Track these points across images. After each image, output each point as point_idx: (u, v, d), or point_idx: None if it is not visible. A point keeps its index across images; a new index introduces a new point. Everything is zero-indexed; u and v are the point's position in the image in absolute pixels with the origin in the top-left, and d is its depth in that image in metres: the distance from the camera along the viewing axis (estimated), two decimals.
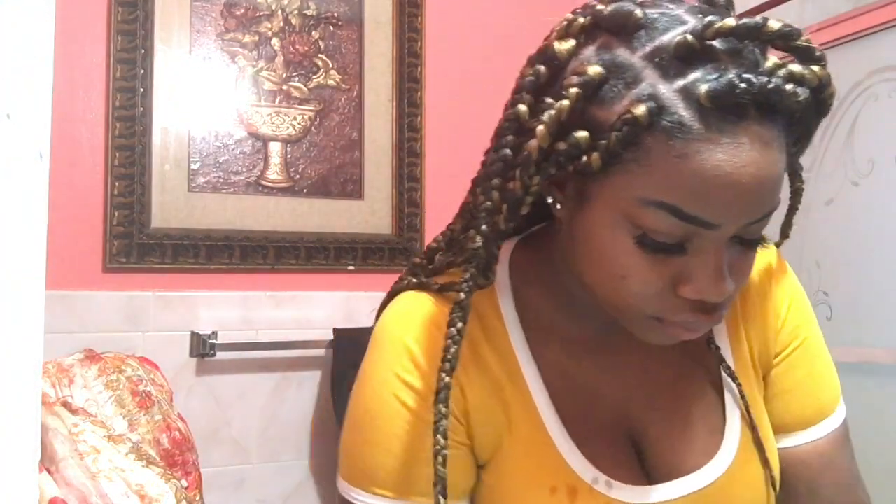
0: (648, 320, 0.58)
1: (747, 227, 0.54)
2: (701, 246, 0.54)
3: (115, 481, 0.68)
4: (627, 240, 0.54)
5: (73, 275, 1.35)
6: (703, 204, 0.51)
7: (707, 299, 0.54)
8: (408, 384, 0.62)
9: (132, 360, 1.07)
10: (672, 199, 0.51)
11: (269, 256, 1.48)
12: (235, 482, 1.45)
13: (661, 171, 0.51)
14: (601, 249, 0.56)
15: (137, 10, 1.40)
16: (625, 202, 0.53)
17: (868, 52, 1.63)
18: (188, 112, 1.43)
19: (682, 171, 0.51)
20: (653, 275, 0.55)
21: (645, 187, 0.52)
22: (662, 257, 0.54)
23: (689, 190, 0.51)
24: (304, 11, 1.54)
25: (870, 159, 1.62)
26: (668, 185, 0.51)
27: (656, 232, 0.53)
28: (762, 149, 0.51)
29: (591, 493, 0.60)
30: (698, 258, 0.54)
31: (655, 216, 0.52)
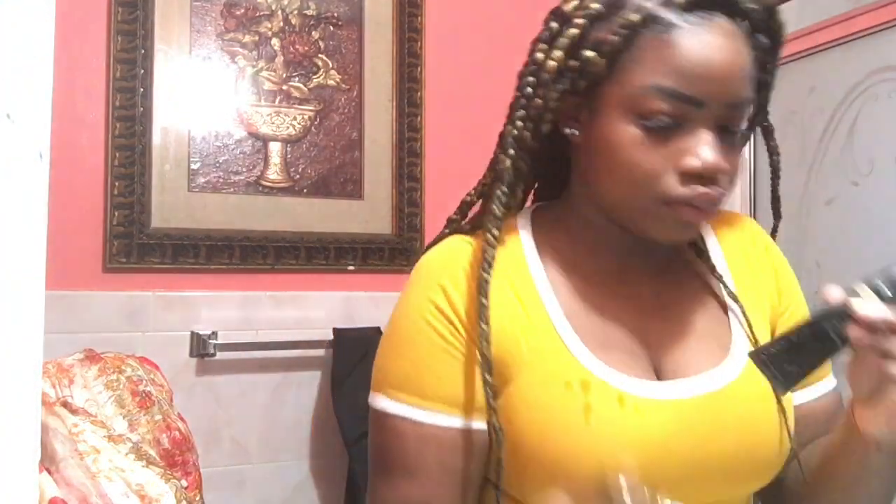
0: (659, 208, 0.68)
1: (728, 111, 0.67)
2: (693, 127, 0.67)
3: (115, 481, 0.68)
4: (632, 128, 0.67)
5: (73, 275, 1.35)
6: (687, 81, 0.65)
7: (704, 167, 0.66)
8: (437, 306, 0.72)
9: (132, 360, 1.07)
10: (663, 81, 0.66)
11: (269, 256, 1.48)
12: (235, 482, 1.45)
13: (653, 61, 0.66)
14: (614, 146, 0.68)
15: (137, 10, 1.40)
16: (628, 96, 0.67)
17: (868, 52, 1.63)
18: (188, 112, 1.43)
19: (671, 57, 0.66)
20: (656, 154, 0.67)
21: (642, 78, 0.66)
22: (662, 138, 0.67)
23: (675, 70, 0.65)
24: (304, 11, 1.54)
25: (870, 159, 1.62)
26: (660, 70, 0.66)
27: (654, 113, 0.66)
28: (730, 39, 0.67)
29: (604, 386, 0.67)
30: (693, 136, 0.67)
31: (652, 100, 0.66)
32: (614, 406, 0.66)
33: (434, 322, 0.72)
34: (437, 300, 0.72)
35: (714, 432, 0.69)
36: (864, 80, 1.64)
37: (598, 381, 0.67)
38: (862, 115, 1.64)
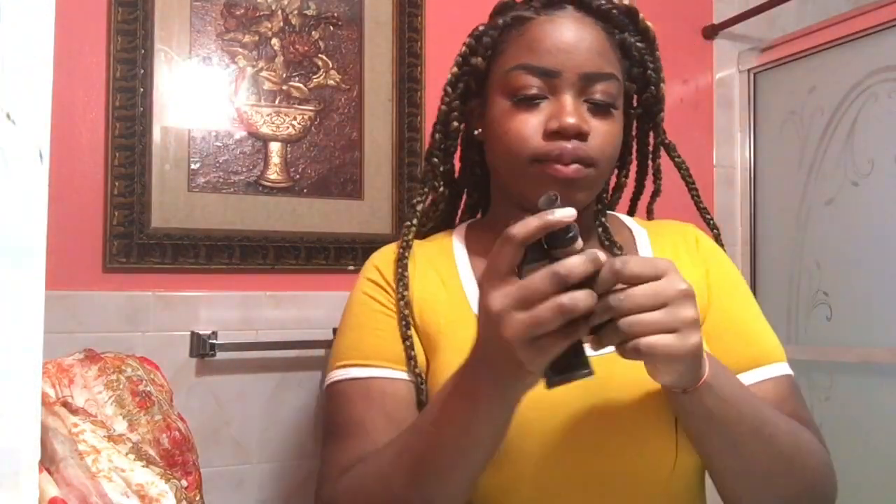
0: (530, 167, 0.81)
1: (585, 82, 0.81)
2: (556, 96, 0.81)
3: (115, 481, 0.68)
4: (506, 103, 0.84)
5: (73, 275, 1.35)
6: (540, 56, 0.81)
7: (560, 125, 0.79)
8: (371, 280, 0.90)
9: (132, 360, 1.07)
10: (523, 59, 0.83)
11: (269, 256, 1.48)
12: (235, 482, 1.45)
13: (516, 47, 0.84)
14: (494, 121, 0.85)
15: (137, 10, 1.40)
16: (500, 80, 0.85)
17: (868, 52, 1.63)
18: (188, 112, 1.43)
19: (528, 41, 0.83)
20: (526, 122, 0.81)
21: (509, 61, 0.84)
22: (532, 108, 0.82)
23: (530, 49, 0.82)
24: (304, 11, 1.54)
25: (870, 159, 1.62)
26: (520, 53, 0.83)
27: (519, 87, 0.82)
28: (577, 22, 0.83)
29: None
30: (555, 103, 0.81)
31: (516, 77, 0.83)
32: None
33: (371, 292, 0.88)
34: (373, 276, 0.90)
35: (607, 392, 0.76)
36: (864, 80, 1.64)
37: None
38: (862, 115, 1.64)
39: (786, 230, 1.81)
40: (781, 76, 1.86)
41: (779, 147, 1.86)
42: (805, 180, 1.78)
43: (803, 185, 1.78)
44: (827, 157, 1.72)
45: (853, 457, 1.59)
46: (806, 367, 1.70)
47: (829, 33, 1.70)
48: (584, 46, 0.81)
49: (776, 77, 1.87)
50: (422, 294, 0.86)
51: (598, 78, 0.82)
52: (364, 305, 0.87)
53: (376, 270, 0.90)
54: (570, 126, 0.79)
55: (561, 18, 0.83)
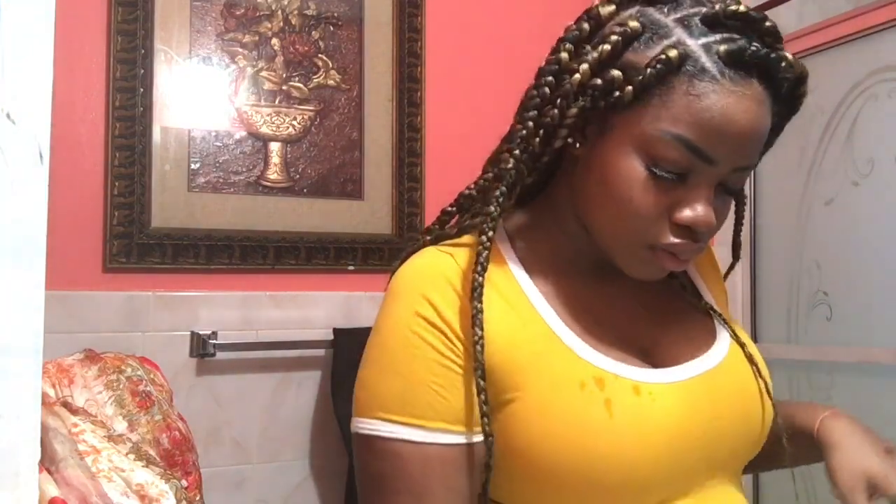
0: (642, 250, 0.68)
1: (735, 172, 0.67)
2: (698, 181, 0.66)
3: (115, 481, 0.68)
4: (639, 167, 0.66)
5: (73, 275, 1.35)
6: (709, 140, 0.63)
7: (696, 225, 0.66)
8: (424, 317, 0.68)
9: (132, 360, 1.07)
10: (685, 132, 0.63)
11: (269, 256, 1.48)
12: (235, 482, 1.45)
13: (679, 106, 0.64)
14: (615, 178, 0.67)
15: (137, 10, 1.40)
16: (643, 133, 0.65)
17: (868, 52, 1.63)
18: (188, 112, 1.43)
19: (698, 108, 0.63)
20: (655, 200, 0.66)
21: (664, 120, 0.64)
22: (665, 186, 0.66)
23: (700, 125, 0.63)
24: (304, 11, 1.54)
25: (870, 159, 1.62)
26: (683, 119, 0.63)
27: (666, 160, 0.65)
28: (759, 104, 0.65)
29: (617, 378, 0.67)
30: (694, 191, 0.66)
31: (667, 146, 0.64)
32: (631, 396, 0.66)
33: (425, 334, 0.68)
34: (425, 312, 0.68)
35: (717, 408, 0.70)
36: (864, 80, 1.63)
37: (610, 375, 0.67)
38: (862, 115, 1.64)
39: (786, 230, 1.81)
40: None
41: (779, 147, 1.86)
42: (805, 180, 1.78)
43: (803, 185, 1.78)
44: (827, 157, 1.72)
45: None
46: (806, 367, 1.70)
47: (829, 33, 1.70)
48: (756, 139, 0.66)
49: None
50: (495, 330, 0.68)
51: (748, 170, 0.69)
52: (415, 349, 0.68)
53: (428, 304, 0.68)
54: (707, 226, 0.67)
55: (746, 97, 0.64)
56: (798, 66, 0.67)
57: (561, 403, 0.65)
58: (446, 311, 0.68)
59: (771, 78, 0.65)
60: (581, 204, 0.72)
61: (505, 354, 0.67)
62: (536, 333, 0.69)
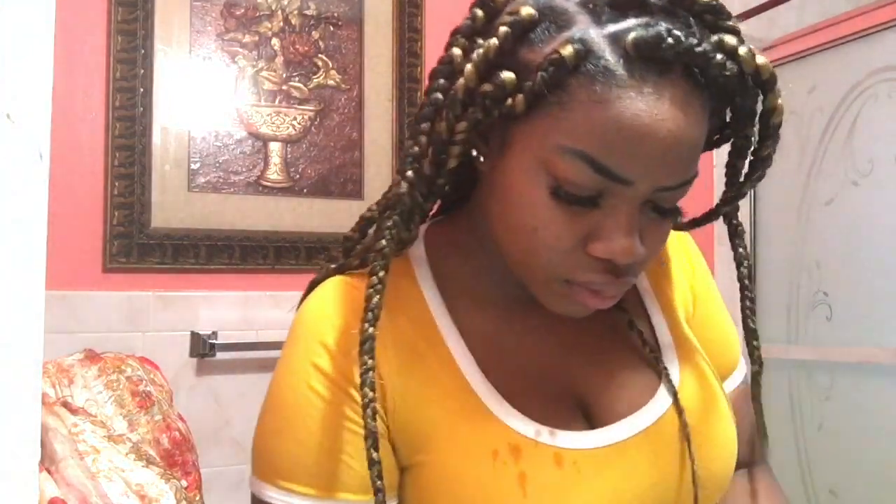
0: (557, 284, 0.56)
1: (662, 192, 0.53)
2: (614, 204, 0.52)
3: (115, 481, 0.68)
4: (542, 190, 0.53)
5: (73, 275, 1.35)
6: (619, 156, 0.50)
7: (615, 259, 0.53)
8: (322, 371, 0.59)
9: (132, 360, 1.07)
10: (588, 148, 0.50)
11: (269, 256, 1.48)
12: (235, 482, 1.45)
13: (580, 116, 0.50)
14: (517, 198, 0.55)
15: (137, 10, 1.40)
16: (543, 149, 0.52)
17: (868, 52, 1.63)
18: (188, 112, 1.43)
19: (601, 118, 0.49)
20: (564, 229, 0.53)
21: (564, 134, 0.51)
22: (576, 211, 0.53)
23: (606, 139, 0.50)
24: (304, 11, 1.54)
25: (870, 159, 1.62)
26: (586, 132, 0.50)
27: (570, 183, 0.51)
28: (683, 107, 0.50)
29: (536, 446, 0.56)
30: (611, 217, 0.53)
31: (570, 166, 0.51)
32: (551, 469, 0.56)
33: (320, 389, 0.59)
34: (321, 363, 0.59)
35: (658, 471, 0.59)
36: (864, 80, 1.64)
37: (529, 442, 0.57)
38: (862, 115, 1.64)
39: (786, 230, 1.81)
40: (781, 76, 1.85)
41: (779, 147, 1.86)
42: (805, 180, 1.78)
43: (803, 185, 1.78)
44: (827, 157, 1.73)
45: (853, 457, 1.59)
46: (806, 367, 1.70)
47: (829, 33, 1.70)
48: (682, 152, 0.51)
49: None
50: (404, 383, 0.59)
51: (679, 188, 0.54)
52: (311, 409, 0.59)
53: (325, 353, 0.60)
54: (627, 258, 0.54)
55: (663, 100, 0.49)
56: (749, 58, 0.51)
57: (470, 475, 0.56)
58: (344, 360, 0.58)
59: (701, 75, 0.51)
60: (490, 227, 0.60)
61: (414, 413, 0.58)
62: (450, 386, 0.59)
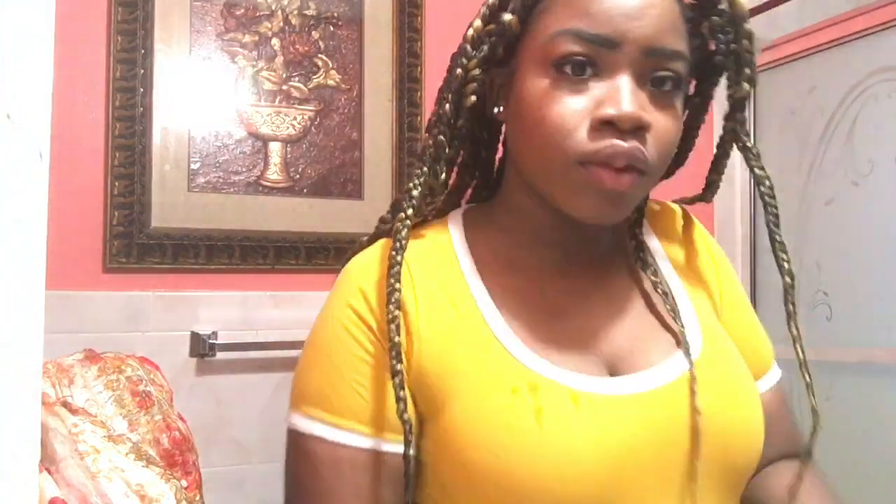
0: (574, 171, 0.61)
1: (651, 57, 0.60)
2: (611, 73, 0.60)
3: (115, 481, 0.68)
4: (545, 80, 0.61)
5: (73, 275, 1.35)
6: (600, 21, 0.59)
7: (618, 114, 0.59)
8: (355, 310, 0.65)
9: (132, 360, 1.07)
10: (575, 25, 0.60)
11: (269, 256, 1.48)
12: (235, 482, 1.45)
13: (563, 5, 0.61)
14: (527, 103, 0.63)
15: (137, 10, 1.40)
16: (539, 47, 0.62)
17: (868, 52, 1.63)
18: (188, 112, 1.43)
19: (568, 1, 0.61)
20: (571, 106, 0.60)
21: (552, 25, 0.61)
22: (579, 87, 0.60)
23: (587, 11, 0.60)
24: (304, 11, 1.54)
25: (870, 159, 1.62)
26: (570, 15, 0.61)
27: (566, 56, 0.60)
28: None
29: (554, 385, 0.60)
30: (609, 83, 0.60)
31: (563, 43, 0.60)
32: (568, 406, 0.59)
33: (352, 328, 0.64)
34: (357, 305, 0.65)
35: (679, 425, 0.61)
36: (864, 80, 1.64)
37: (546, 381, 0.60)
38: (862, 115, 1.64)
39: (786, 230, 1.80)
40: (781, 76, 1.86)
41: (779, 147, 1.86)
42: (805, 180, 1.78)
43: (803, 185, 1.78)
44: (827, 157, 1.72)
45: (853, 457, 1.59)
46: None
47: (829, 33, 1.70)
48: (652, 12, 0.59)
49: (776, 77, 1.87)
50: (432, 332, 0.64)
51: (663, 52, 0.60)
52: (340, 343, 0.64)
53: (362, 297, 0.65)
54: (629, 116, 0.58)
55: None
56: None
57: (490, 410, 0.59)
58: (378, 305, 0.64)
59: None
60: (518, 162, 0.68)
61: (440, 358, 0.63)
62: (475, 334, 0.64)
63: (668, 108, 0.62)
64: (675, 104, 0.62)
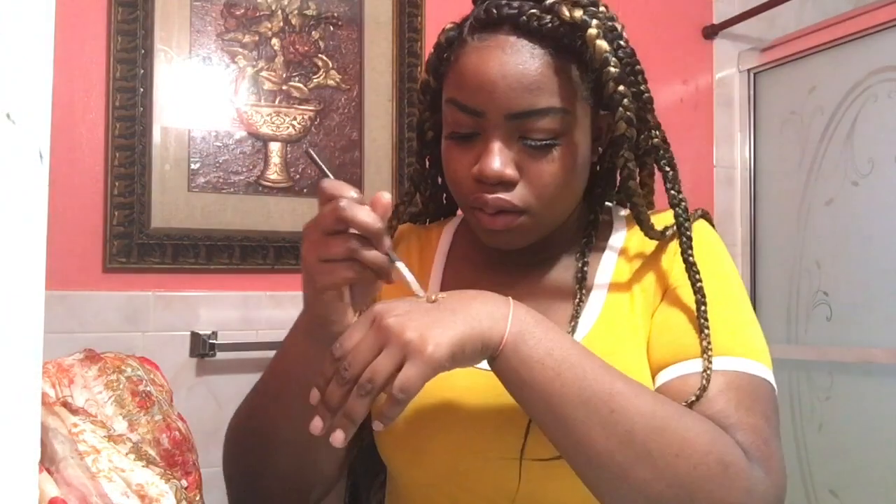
0: (470, 212, 0.76)
1: (517, 119, 0.70)
2: (484, 137, 0.72)
3: (115, 481, 0.68)
4: (446, 139, 0.76)
5: (73, 275, 1.35)
6: (468, 93, 0.72)
7: (480, 174, 0.72)
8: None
9: (132, 360, 1.07)
10: (452, 94, 0.74)
11: (269, 256, 1.48)
12: None
13: (449, 77, 0.75)
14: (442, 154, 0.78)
15: (137, 10, 1.40)
16: (443, 107, 0.77)
17: (868, 52, 1.63)
18: (188, 112, 1.43)
19: (457, 72, 0.74)
20: (457, 164, 0.74)
21: (446, 90, 0.76)
22: (462, 149, 0.74)
23: (460, 84, 0.73)
24: (304, 11, 1.54)
25: (870, 159, 1.62)
26: (453, 84, 0.74)
27: (452, 124, 0.74)
28: (511, 53, 0.70)
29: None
30: (484, 143, 0.72)
31: (448, 112, 0.74)
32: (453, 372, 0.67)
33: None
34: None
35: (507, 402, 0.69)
36: (864, 80, 1.64)
37: None
38: (862, 115, 1.64)
39: (786, 230, 1.81)
40: (781, 76, 1.86)
41: (779, 147, 1.86)
42: (805, 180, 1.78)
43: (803, 185, 1.78)
44: (827, 157, 1.72)
45: (853, 457, 1.59)
46: (806, 367, 1.70)
47: (829, 33, 1.70)
48: (508, 83, 0.69)
49: (776, 77, 1.87)
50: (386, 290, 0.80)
51: (529, 115, 0.70)
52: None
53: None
54: (489, 175, 0.71)
55: (490, 47, 0.71)
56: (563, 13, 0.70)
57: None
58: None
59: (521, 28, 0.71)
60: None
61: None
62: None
63: (543, 157, 0.72)
64: (550, 153, 0.72)
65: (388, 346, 0.57)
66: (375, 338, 0.58)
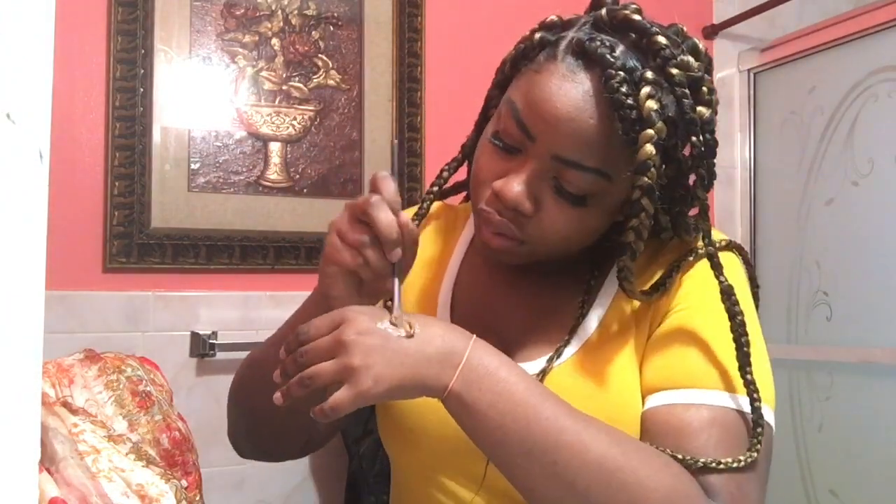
0: (476, 212, 0.73)
1: (559, 163, 0.67)
2: (523, 158, 0.69)
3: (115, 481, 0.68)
4: (489, 133, 0.72)
5: (73, 275, 1.35)
6: (529, 111, 0.68)
7: (499, 192, 0.69)
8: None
9: (132, 360, 1.07)
10: (517, 100, 0.69)
11: (269, 256, 1.48)
12: (235, 482, 1.45)
13: (524, 78, 0.70)
14: (481, 138, 0.75)
15: (137, 10, 1.40)
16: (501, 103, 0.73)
17: (868, 52, 1.63)
18: (188, 112, 1.43)
19: (531, 81, 0.69)
20: (487, 166, 0.71)
21: (513, 89, 0.72)
22: (498, 155, 0.71)
23: (528, 96, 0.68)
24: (304, 11, 1.54)
25: (870, 159, 1.62)
26: (521, 89, 0.70)
27: (503, 129, 0.70)
28: (583, 95, 0.66)
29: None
30: (517, 166, 0.69)
31: (507, 113, 0.70)
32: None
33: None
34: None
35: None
36: (864, 80, 1.64)
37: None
38: (862, 115, 1.64)
39: (786, 230, 1.81)
40: (781, 76, 1.86)
41: (779, 147, 1.86)
42: (805, 180, 1.78)
43: (803, 185, 1.78)
44: (827, 157, 1.72)
45: (853, 457, 1.59)
46: (806, 367, 1.70)
47: (829, 33, 1.70)
48: (572, 128, 0.65)
49: (776, 77, 1.87)
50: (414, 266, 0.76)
51: (573, 166, 0.67)
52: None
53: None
54: (506, 199, 0.68)
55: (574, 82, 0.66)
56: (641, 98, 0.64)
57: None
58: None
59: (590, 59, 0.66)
60: None
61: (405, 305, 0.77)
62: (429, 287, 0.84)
63: (566, 205, 0.69)
64: (575, 206, 0.69)
65: (337, 359, 0.60)
66: (331, 345, 0.61)
